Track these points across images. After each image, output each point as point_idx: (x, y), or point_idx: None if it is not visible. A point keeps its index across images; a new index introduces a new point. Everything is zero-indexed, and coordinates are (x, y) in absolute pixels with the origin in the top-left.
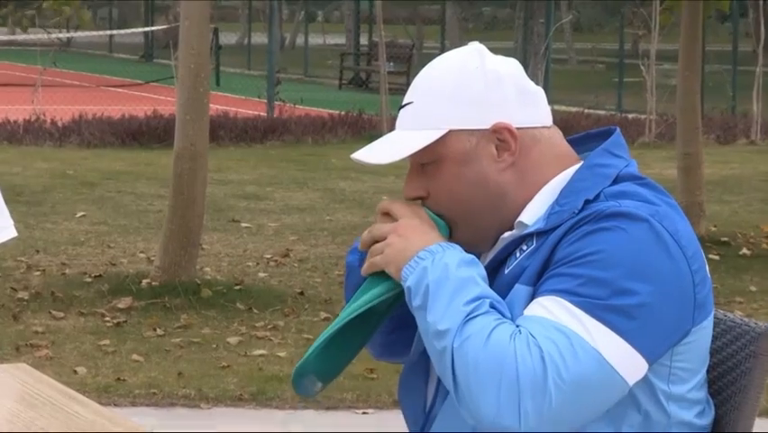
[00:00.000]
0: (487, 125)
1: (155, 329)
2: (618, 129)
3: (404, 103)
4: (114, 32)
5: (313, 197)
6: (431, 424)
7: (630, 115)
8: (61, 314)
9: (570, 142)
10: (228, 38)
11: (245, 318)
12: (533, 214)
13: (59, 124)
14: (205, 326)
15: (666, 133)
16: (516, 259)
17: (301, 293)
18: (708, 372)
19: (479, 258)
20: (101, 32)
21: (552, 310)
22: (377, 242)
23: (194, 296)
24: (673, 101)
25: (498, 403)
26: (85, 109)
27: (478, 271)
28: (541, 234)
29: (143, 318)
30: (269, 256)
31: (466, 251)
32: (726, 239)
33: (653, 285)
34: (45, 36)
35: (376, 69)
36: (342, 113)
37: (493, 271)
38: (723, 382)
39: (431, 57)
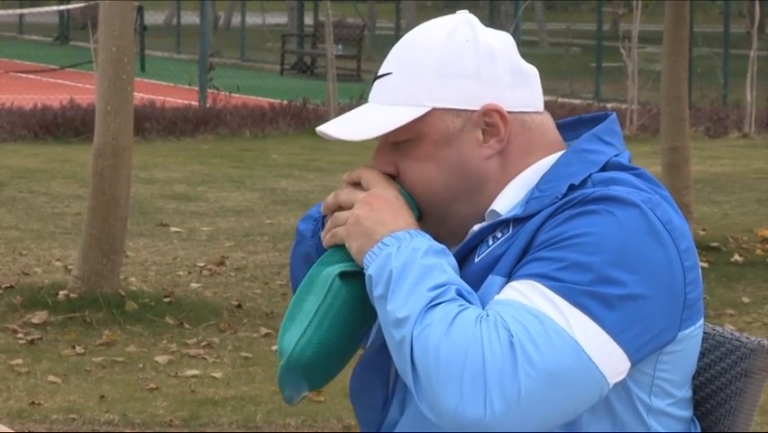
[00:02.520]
0: (476, 106)
1: (74, 347)
2: (614, 115)
3: (381, 73)
4: (25, 10)
5: (251, 197)
6: (389, 427)
7: (609, 105)
8: None
9: (559, 126)
10: (154, 17)
11: (175, 335)
12: (507, 202)
13: None
14: (131, 343)
15: (649, 126)
16: (489, 247)
17: (239, 306)
18: (695, 392)
19: None
20: (9, 11)
21: (526, 294)
22: (341, 209)
23: (117, 309)
24: (657, 89)
25: (460, 393)
26: None
27: (447, 261)
28: (518, 221)
29: (60, 335)
30: (202, 264)
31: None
32: (716, 244)
33: (640, 276)
34: None
35: (322, 52)
36: (285, 102)
37: (462, 261)
38: (711, 404)
39: (384, 39)
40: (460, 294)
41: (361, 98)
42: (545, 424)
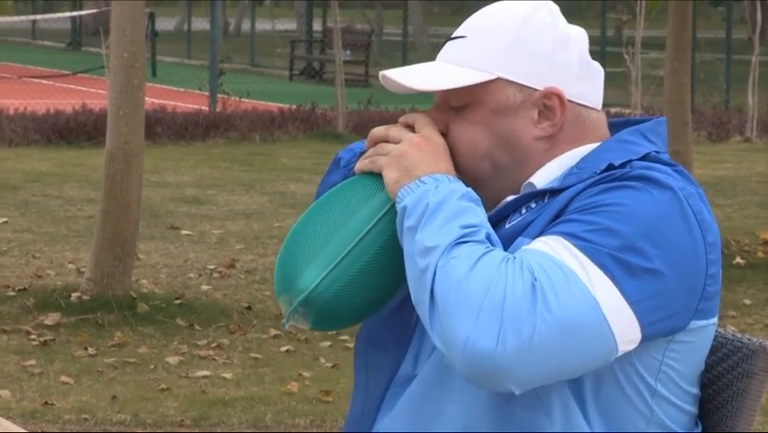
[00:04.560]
0: (539, 86)
1: (86, 348)
2: (664, 119)
3: (455, 35)
4: (38, 16)
5: (260, 201)
6: (399, 382)
7: (613, 110)
8: None
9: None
10: (165, 23)
11: (186, 336)
12: (545, 177)
13: None
14: (142, 344)
15: None
16: (522, 215)
17: (248, 308)
18: None
19: None
20: (23, 18)
21: (554, 247)
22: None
23: (129, 311)
24: (660, 94)
25: (476, 324)
26: (5, 103)
27: (481, 209)
28: (554, 192)
29: (73, 336)
30: (212, 267)
31: None
32: None
33: (666, 254)
34: None
35: (331, 57)
36: (293, 107)
37: (493, 227)
38: (713, 404)
39: (391, 44)
40: (489, 238)
41: (369, 103)
42: (551, 373)
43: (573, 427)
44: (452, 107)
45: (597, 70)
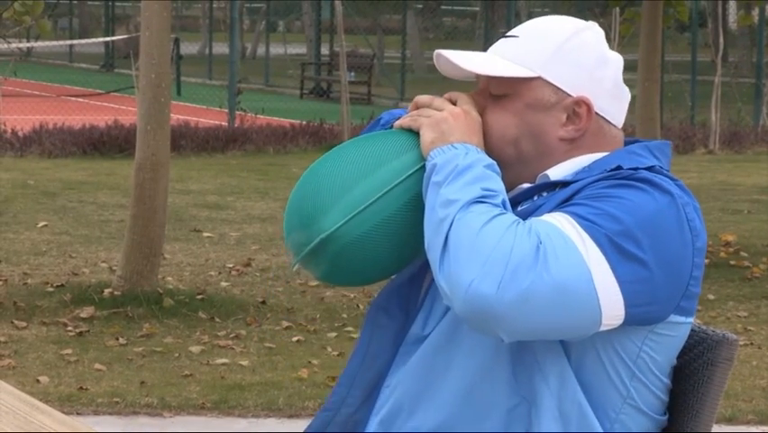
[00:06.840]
0: (573, 93)
1: (117, 338)
2: (670, 143)
3: (509, 34)
4: (75, 41)
5: (274, 206)
6: (409, 341)
7: None
8: (24, 323)
9: None
10: (189, 48)
11: (207, 327)
12: (560, 172)
13: (20, 134)
14: (168, 335)
15: None
16: (533, 201)
17: (263, 302)
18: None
19: None
20: (61, 42)
21: (559, 221)
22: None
23: (156, 305)
24: (633, 111)
25: (481, 271)
26: (46, 119)
27: (501, 180)
28: (565, 184)
29: (106, 328)
30: (230, 266)
31: None
32: None
33: (658, 248)
34: (5, 46)
35: (337, 78)
36: (304, 122)
37: None
38: (681, 389)
39: (392, 67)
40: (504, 204)
41: (371, 119)
42: (538, 328)
43: (569, 389)
44: (491, 94)
45: (626, 92)
